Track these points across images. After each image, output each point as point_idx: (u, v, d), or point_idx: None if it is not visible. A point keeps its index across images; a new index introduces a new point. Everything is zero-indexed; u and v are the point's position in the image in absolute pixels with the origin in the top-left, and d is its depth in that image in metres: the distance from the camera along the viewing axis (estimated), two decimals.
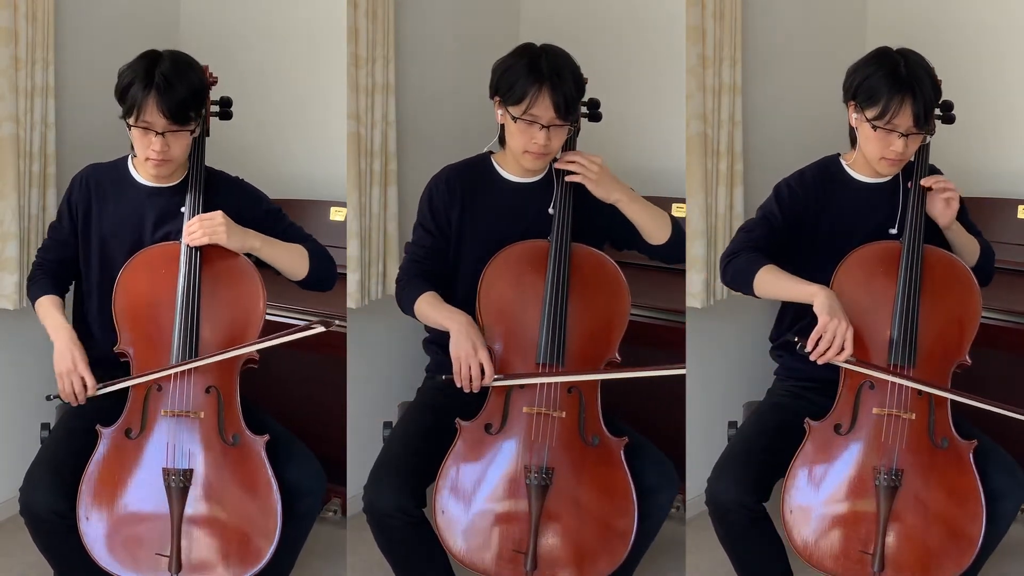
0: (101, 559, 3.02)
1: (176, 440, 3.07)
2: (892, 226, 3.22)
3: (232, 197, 3.24)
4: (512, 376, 3.13)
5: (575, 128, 3.28)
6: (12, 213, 3.70)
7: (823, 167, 3.28)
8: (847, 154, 3.27)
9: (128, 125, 3.11)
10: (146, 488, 3.05)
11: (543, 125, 3.14)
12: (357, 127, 3.80)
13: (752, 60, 3.97)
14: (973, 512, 3.05)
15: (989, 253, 3.29)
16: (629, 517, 3.12)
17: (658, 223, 3.27)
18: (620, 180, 3.26)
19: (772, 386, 3.37)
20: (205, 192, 3.20)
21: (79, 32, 3.89)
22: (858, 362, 3.07)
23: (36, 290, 3.27)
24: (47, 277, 3.27)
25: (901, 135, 3.10)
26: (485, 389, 3.12)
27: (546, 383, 3.12)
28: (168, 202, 3.21)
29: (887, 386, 3.09)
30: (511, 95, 3.14)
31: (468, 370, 3.10)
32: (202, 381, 3.10)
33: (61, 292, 3.28)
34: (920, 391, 3.08)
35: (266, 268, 3.22)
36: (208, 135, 3.26)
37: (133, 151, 3.21)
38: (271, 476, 3.07)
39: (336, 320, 3.16)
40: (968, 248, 3.24)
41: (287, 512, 3.07)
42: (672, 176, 3.88)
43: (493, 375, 3.11)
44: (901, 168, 3.21)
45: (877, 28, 4.22)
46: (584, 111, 3.30)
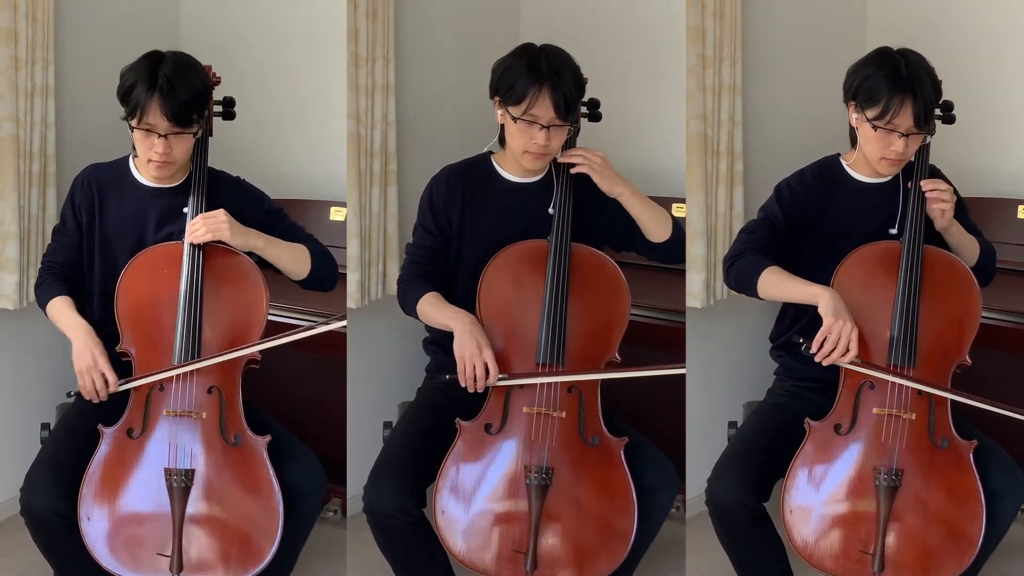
0: (102, 559, 3.02)
1: (178, 440, 3.07)
2: (892, 226, 3.22)
3: (233, 197, 3.24)
4: (515, 376, 3.13)
5: (575, 128, 3.28)
6: (12, 213, 3.70)
7: (823, 167, 3.28)
8: (847, 154, 3.27)
9: (131, 127, 3.11)
10: (147, 488, 3.05)
11: (543, 125, 3.14)
12: (357, 127, 3.80)
13: (752, 60, 3.97)
14: (973, 512, 3.05)
15: (989, 253, 3.29)
16: (629, 517, 3.12)
17: (659, 220, 3.27)
18: (622, 175, 3.26)
19: (772, 386, 3.37)
20: (207, 192, 3.20)
21: (79, 32, 3.89)
22: (863, 363, 3.07)
23: (46, 293, 3.23)
24: (57, 280, 3.23)
25: (901, 135, 3.10)
26: (486, 388, 3.12)
27: (546, 383, 3.13)
28: (170, 203, 3.21)
29: (887, 386, 3.09)
30: (511, 95, 3.13)
31: (473, 370, 3.09)
32: (204, 381, 3.09)
33: (72, 294, 3.23)
34: (920, 391, 3.08)
35: (267, 268, 3.22)
36: (211, 135, 3.26)
37: (134, 151, 3.21)
38: (273, 477, 3.07)
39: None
40: (968, 248, 3.24)
41: (288, 512, 3.07)
42: (672, 176, 3.87)
43: (498, 375, 3.11)
44: (901, 168, 3.21)
45: (877, 28, 4.22)
46: (584, 111, 3.30)
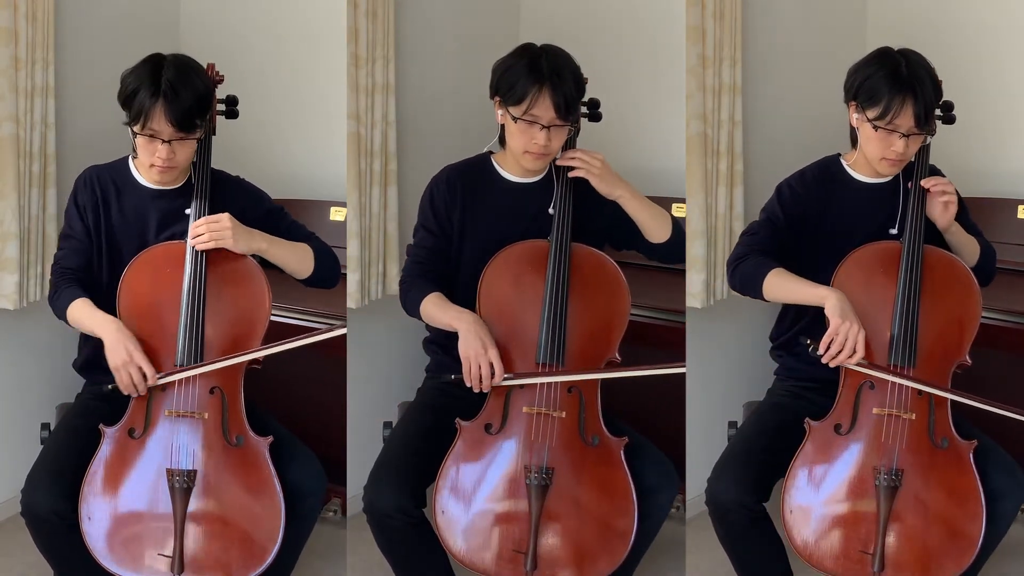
0: (103, 559, 3.01)
1: (180, 440, 3.06)
2: (892, 226, 3.22)
3: (234, 197, 3.24)
4: (519, 376, 3.13)
5: (575, 128, 3.28)
6: (12, 213, 3.70)
7: (824, 167, 3.28)
8: (848, 154, 3.27)
9: (133, 132, 3.10)
10: (149, 488, 3.05)
11: (543, 125, 3.13)
12: (357, 127, 3.79)
13: (752, 60, 3.97)
14: (973, 512, 3.05)
15: (990, 253, 3.29)
16: (629, 517, 3.12)
17: (659, 221, 3.27)
18: (622, 177, 3.26)
19: (772, 386, 3.37)
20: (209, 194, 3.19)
21: (79, 32, 3.89)
22: (869, 365, 3.06)
23: (64, 299, 3.16)
24: (73, 285, 3.17)
25: (902, 135, 3.10)
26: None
27: (545, 383, 3.12)
28: (171, 204, 3.21)
29: (887, 386, 3.09)
30: (511, 95, 3.13)
31: (478, 369, 3.09)
32: (206, 382, 3.09)
33: (88, 296, 3.16)
34: (920, 391, 3.08)
35: (269, 268, 3.21)
36: (214, 134, 3.26)
37: (134, 152, 3.21)
38: (275, 478, 3.06)
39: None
40: (968, 248, 3.23)
41: (288, 513, 3.06)
42: (672, 176, 3.87)
43: (503, 374, 3.11)
44: (902, 168, 3.21)
45: (877, 28, 4.22)
46: (584, 111, 3.30)
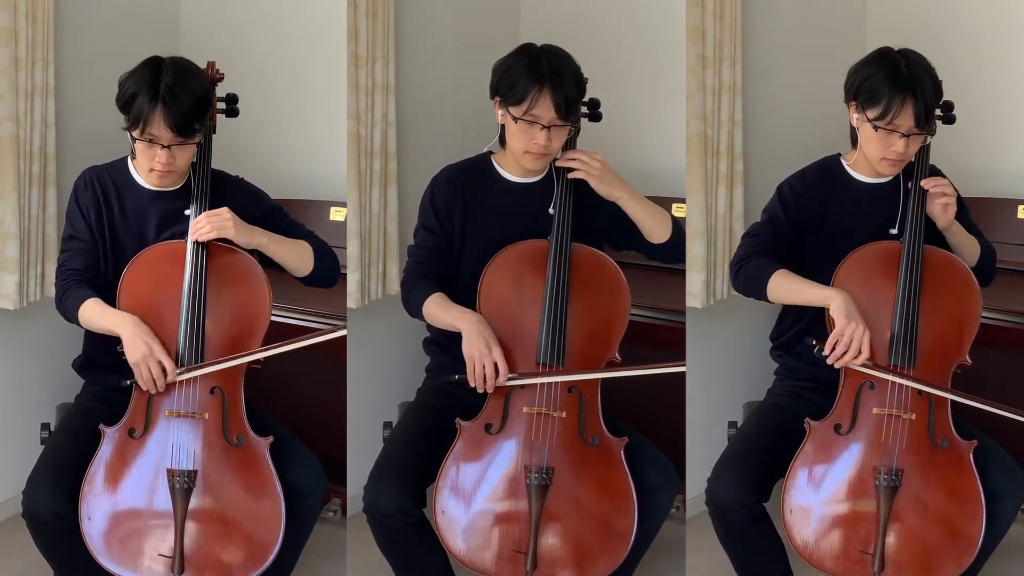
0: (103, 559, 3.01)
1: (180, 441, 3.06)
2: (893, 226, 3.21)
3: (234, 196, 3.23)
4: (524, 375, 3.12)
5: (575, 128, 3.28)
6: (12, 213, 3.70)
7: (824, 167, 3.28)
8: (848, 154, 3.27)
9: (132, 137, 3.09)
10: (149, 488, 3.04)
11: (544, 125, 3.13)
12: (357, 127, 3.79)
13: (752, 60, 3.96)
14: (973, 512, 3.05)
15: (990, 253, 3.28)
16: (629, 517, 3.12)
17: (659, 221, 3.27)
18: (621, 178, 3.26)
19: (772, 386, 3.37)
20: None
21: (79, 32, 3.89)
22: (874, 366, 3.06)
23: (75, 300, 3.12)
24: (82, 286, 3.14)
25: (902, 135, 3.10)
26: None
27: (546, 383, 3.12)
28: (170, 205, 3.20)
29: (887, 386, 3.09)
30: (512, 95, 3.13)
31: (482, 369, 3.09)
32: (207, 382, 3.09)
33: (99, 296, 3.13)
34: (920, 391, 3.08)
35: (270, 268, 3.21)
36: (215, 132, 3.26)
37: (132, 153, 3.20)
38: (275, 478, 3.06)
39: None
40: (968, 248, 3.23)
41: (289, 513, 3.06)
42: (672, 176, 3.87)
43: (508, 374, 3.11)
44: (902, 168, 3.21)
45: (877, 28, 4.22)
46: (584, 111, 3.30)
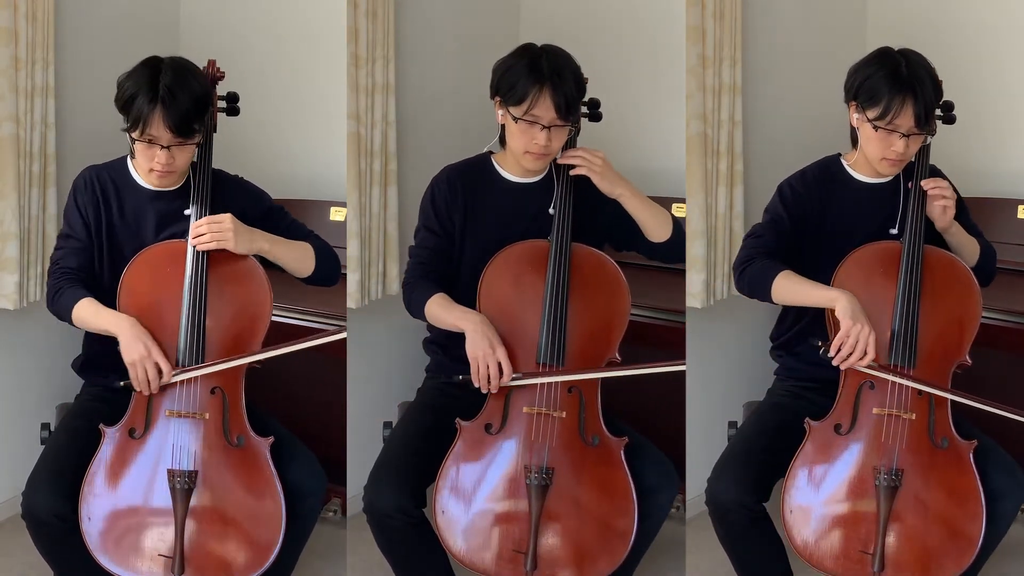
0: (103, 560, 3.01)
1: (180, 441, 3.06)
2: (893, 226, 3.21)
3: (234, 197, 3.23)
4: (528, 375, 3.12)
5: (575, 128, 3.28)
6: (12, 213, 3.70)
7: (824, 167, 3.28)
8: (848, 154, 3.27)
9: (131, 137, 3.09)
10: (149, 489, 3.04)
11: (544, 126, 3.13)
12: (357, 127, 3.79)
13: (752, 60, 3.97)
14: (973, 512, 3.05)
15: (990, 253, 3.28)
16: (629, 517, 3.12)
17: (659, 220, 3.27)
18: (623, 176, 3.26)
19: (772, 386, 3.37)
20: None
21: (79, 32, 3.89)
22: (879, 367, 3.06)
23: (67, 300, 3.11)
24: (75, 284, 3.13)
25: (902, 135, 3.10)
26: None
27: (546, 383, 3.12)
28: (170, 205, 3.20)
29: (887, 386, 3.09)
30: (512, 95, 3.13)
31: (486, 369, 3.09)
32: (207, 382, 3.08)
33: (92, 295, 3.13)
34: (920, 391, 3.08)
35: (270, 268, 3.21)
36: (215, 131, 3.25)
37: (132, 152, 3.20)
38: (275, 478, 3.06)
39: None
40: (968, 249, 3.23)
41: (289, 513, 3.06)
42: (672, 176, 3.87)
43: (512, 374, 3.10)
44: (902, 168, 3.21)
45: (877, 28, 4.22)
46: (584, 111, 3.30)
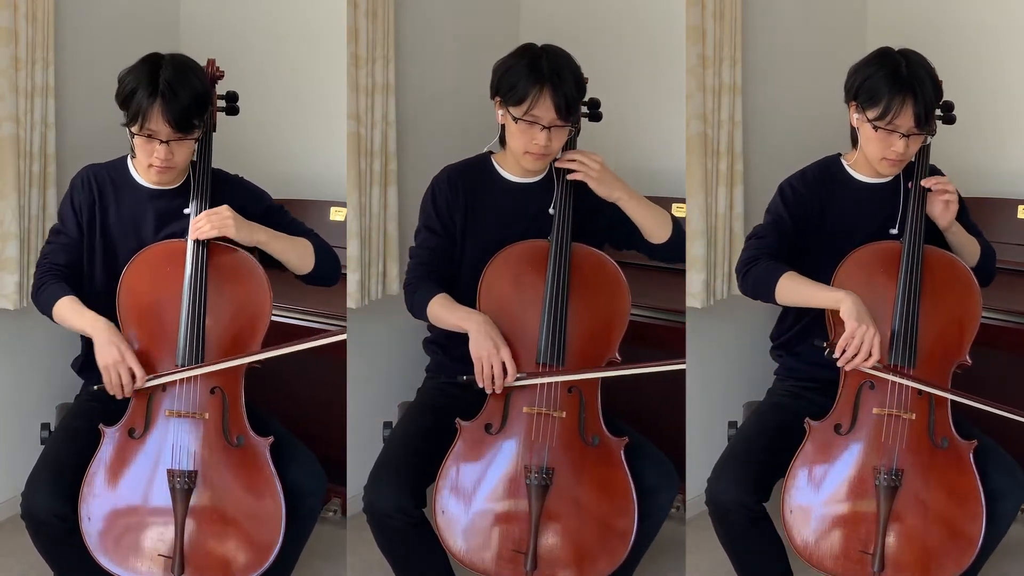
0: (102, 560, 3.01)
1: (180, 441, 3.06)
2: (893, 226, 3.21)
3: (234, 195, 3.23)
4: (532, 375, 3.11)
5: (575, 128, 3.28)
6: (12, 213, 3.70)
7: (824, 167, 3.28)
8: (848, 154, 3.27)
9: (131, 132, 3.09)
10: (149, 489, 3.04)
11: (544, 126, 3.13)
12: (357, 127, 3.79)
13: (752, 60, 3.97)
14: (973, 512, 3.05)
15: (990, 254, 3.28)
16: (629, 517, 3.12)
17: (659, 221, 3.27)
18: (621, 179, 3.26)
19: (772, 386, 3.37)
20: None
21: (79, 32, 3.89)
22: (884, 368, 3.06)
23: (49, 295, 3.15)
24: (59, 281, 3.16)
25: (902, 135, 3.10)
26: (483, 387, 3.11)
27: (545, 383, 3.12)
28: (169, 204, 3.20)
29: (887, 386, 3.09)
30: (512, 96, 3.13)
31: (491, 369, 3.09)
32: (207, 382, 3.08)
33: (81, 295, 3.16)
34: (920, 391, 3.08)
35: (270, 268, 3.21)
36: (215, 130, 3.26)
37: (132, 151, 3.21)
38: (275, 478, 3.06)
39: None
40: (968, 249, 3.23)
41: (289, 513, 3.06)
42: (672, 176, 3.87)
43: (516, 374, 3.10)
44: (902, 168, 3.21)
45: (877, 28, 4.22)
46: (584, 111, 3.30)
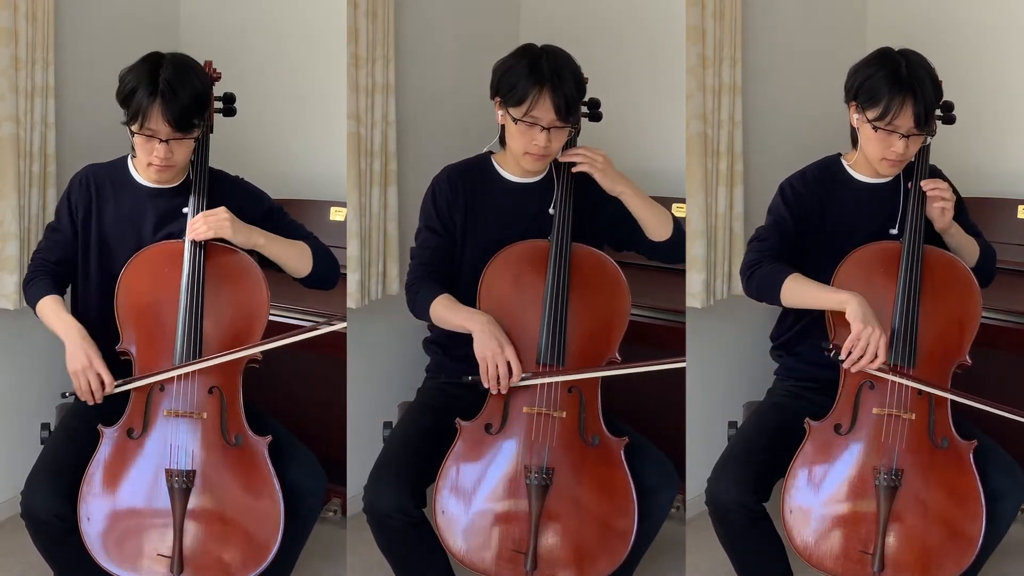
0: (102, 560, 3.01)
1: (178, 440, 3.06)
2: (893, 226, 3.21)
3: (233, 196, 3.23)
4: (537, 375, 3.11)
5: (576, 129, 3.28)
6: (12, 213, 3.70)
7: (824, 167, 3.28)
8: (848, 154, 3.27)
9: (131, 131, 3.10)
10: (148, 488, 3.04)
11: (544, 127, 3.13)
12: (357, 127, 3.80)
13: (752, 60, 3.97)
14: (973, 512, 3.05)
15: (990, 254, 3.28)
16: (629, 517, 3.12)
17: (660, 219, 3.27)
18: (624, 174, 3.26)
19: (772, 386, 3.37)
20: (208, 192, 3.19)
21: (79, 32, 3.89)
22: (890, 369, 3.06)
23: (35, 292, 3.19)
24: (48, 278, 3.20)
25: (902, 136, 3.10)
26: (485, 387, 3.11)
27: (545, 383, 3.12)
28: (169, 203, 3.20)
29: (887, 386, 3.09)
30: (512, 96, 3.13)
31: (496, 370, 3.08)
32: (205, 381, 3.09)
33: (61, 292, 3.21)
34: (920, 391, 3.08)
35: (268, 268, 3.21)
36: (212, 131, 3.26)
37: (132, 151, 3.21)
38: (274, 477, 3.06)
39: (338, 319, 3.17)
40: (968, 249, 3.23)
41: (288, 513, 3.06)
42: (672, 176, 3.87)
43: (521, 374, 3.10)
44: (902, 168, 3.21)
45: (877, 28, 4.22)
46: (584, 111, 3.29)
